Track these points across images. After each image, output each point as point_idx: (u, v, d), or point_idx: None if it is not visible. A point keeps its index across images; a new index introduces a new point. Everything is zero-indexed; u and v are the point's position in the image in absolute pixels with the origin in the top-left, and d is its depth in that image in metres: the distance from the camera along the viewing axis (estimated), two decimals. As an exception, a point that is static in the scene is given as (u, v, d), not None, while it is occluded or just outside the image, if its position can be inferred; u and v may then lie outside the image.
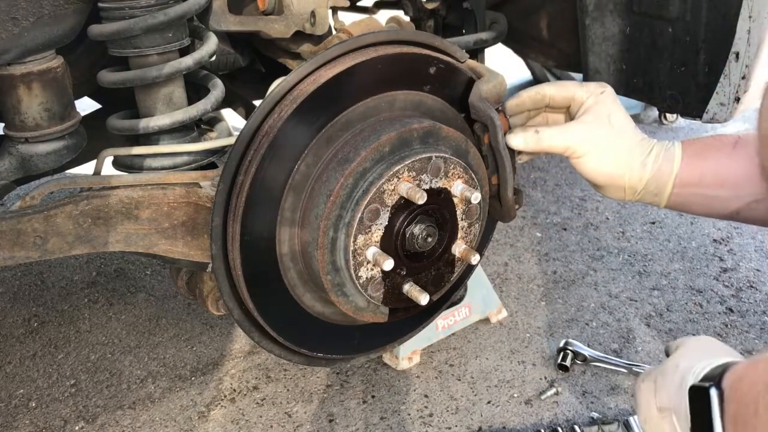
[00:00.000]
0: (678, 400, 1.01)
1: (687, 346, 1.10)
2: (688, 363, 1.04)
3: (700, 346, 1.09)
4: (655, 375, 1.10)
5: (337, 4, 1.74)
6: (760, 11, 1.67)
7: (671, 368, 1.07)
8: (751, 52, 1.72)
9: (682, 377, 1.02)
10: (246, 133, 1.26)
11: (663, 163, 1.32)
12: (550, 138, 1.32)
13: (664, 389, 1.06)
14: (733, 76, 1.78)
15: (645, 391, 1.11)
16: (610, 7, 2.01)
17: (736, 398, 0.88)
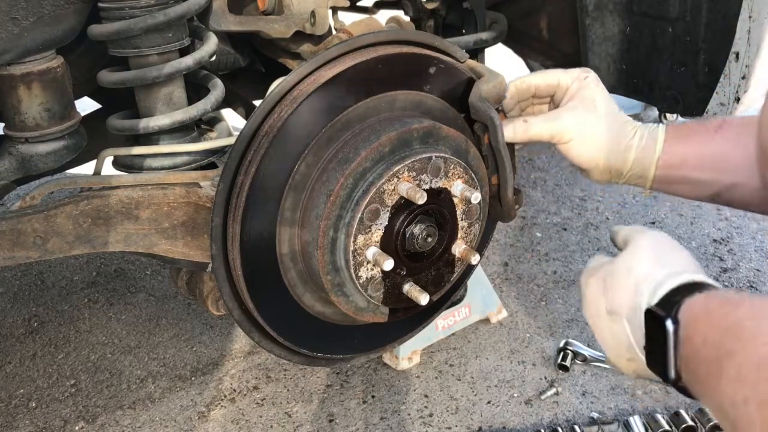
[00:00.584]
0: (632, 311, 1.00)
1: (639, 246, 1.06)
2: (642, 270, 1.01)
3: (654, 249, 1.05)
4: (605, 274, 1.07)
5: (337, 4, 1.74)
6: (760, 11, 1.67)
7: (623, 270, 1.04)
8: (751, 52, 1.72)
9: (635, 286, 1.00)
10: (246, 133, 1.26)
11: (647, 145, 1.33)
12: (538, 126, 1.34)
13: (615, 292, 1.04)
14: (733, 76, 1.78)
15: (593, 288, 1.08)
16: (610, 7, 2.01)
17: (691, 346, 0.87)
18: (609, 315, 1.04)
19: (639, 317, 0.97)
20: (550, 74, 1.38)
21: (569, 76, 1.36)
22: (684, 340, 0.88)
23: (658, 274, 0.98)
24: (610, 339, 1.05)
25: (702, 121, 1.36)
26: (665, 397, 2.19)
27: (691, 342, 0.86)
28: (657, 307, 0.93)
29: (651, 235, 1.08)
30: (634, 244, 1.07)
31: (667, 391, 2.21)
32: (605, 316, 1.05)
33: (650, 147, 1.33)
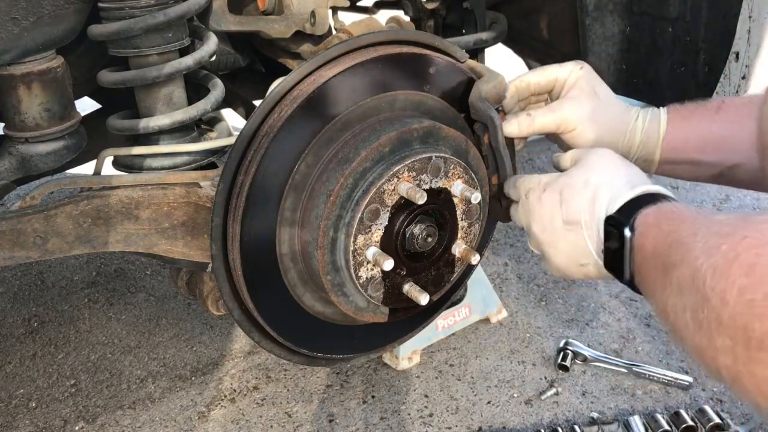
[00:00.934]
0: (590, 220, 1.07)
1: (593, 161, 1.13)
2: (599, 182, 1.08)
3: (608, 163, 1.12)
4: (560, 187, 1.13)
5: (337, 4, 1.74)
6: (760, 11, 1.67)
7: (580, 183, 1.10)
8: (751, 52, 1.72)
9: (593, 194, 1.07)
10: (246, 133, 1.26)
11: (650, 127, 1.35)
12: (542, 118, 1.34)
13: (573, 203, 1.10)
14: (733, 76, 1.78)
15: (548, 202, 1.14)
16: (610, 7, 2.01)
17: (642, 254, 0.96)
18: (565, 225, 1.12)
19: (598, 225, 1.05)
20: (547, 70, 1.40)
21: (565, 69, 1.37)
22: (637, 247, 0.97)
23: (616, 185, 1.06)
24: (565, 247, 1.12)
25: (702, 103, 1.38)
26: (665, 397, 2.20)
27: (643, 250, 0.96)
28: (616, 214, 1.02)
29: (601, 152, 1.16)
30: (586, 160, 1.15)
31: (667, 391, 2.21)
32: (561, 227, 1.12)
33: (654, 129, 1.35)
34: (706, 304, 0.73)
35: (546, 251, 1.19)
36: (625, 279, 1.02)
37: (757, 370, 0.67)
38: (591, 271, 1.12)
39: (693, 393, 2.20)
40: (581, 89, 1.35)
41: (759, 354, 0.66)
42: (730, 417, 2.07)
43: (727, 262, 0.70)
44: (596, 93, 1.35)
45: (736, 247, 0.70)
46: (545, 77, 1.39)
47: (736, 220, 0.76)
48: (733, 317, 0.67)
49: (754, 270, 0.66)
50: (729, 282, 0.68)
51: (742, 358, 0.68)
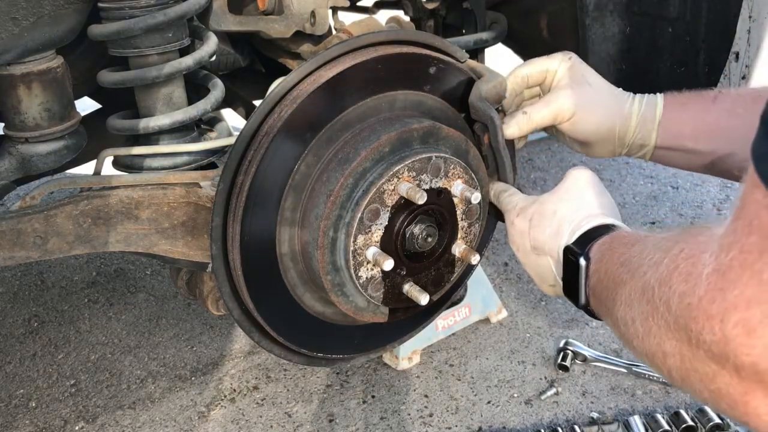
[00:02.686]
0: (553, 249, 1.15)
1: (564, 189, 1.20)
2: (565, 212, 1.16)
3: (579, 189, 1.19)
4: (531, 214, 1.21)
5: (337, 4, 1.74)
6: (760, 11, 1.67)
7: (549, 213, 1.18)
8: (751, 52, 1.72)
9: (558, 228, 1.15)
10: (246, 133, 1.26)
11: (646, 111, 1.37)
12: (539, 112, 1.36)
13: (540, 231, 1.18)
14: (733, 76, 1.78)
15: (519, 227, 1.23)
16: (610, 7, 2.01)
17: (596, 278, 1.03)
18: (533, 249, 1.20)
19: (559, 254, 1.13)
20: (537, 62, 1.42)
21: (554, 60, 1.40)
22: (592, 273, 1.05)
23: (577, 217, 1.14)
24: (535, 269, 1.21)
25: (699, 92, 1.40)
26: (665, 397, 2.20)
27: (597, 274, 1.03)
28: (573, 245, 1.10)
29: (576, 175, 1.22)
30: (561, 185, 1.21)
31: (667, 391, 2.21)
32: (530, 250, 1.21)
33: (650, 113, 1.36)
34: (655, 312, 0.78)
35: (523, 265, 1.27)
36: (581, 304, 1.09)
37: (698, 365, 0.73)
38: (560, 291, 1.19)
39: (693, 393, 2.20)
40: (572, 78, 1.37)
41: (698, 351, 0.71)
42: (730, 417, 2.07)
43: (668, 272, 0.76)
44: (587, 80, 1.37)
45: (675, 259, 0.76)
46: (536, 69, 1.41)
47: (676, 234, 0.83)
48: (677, 320, 0.74)
49: (691, 277, 0.72)
50: (671, 290, 0.75)
51: (687, 357, 0.74)
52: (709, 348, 0.69)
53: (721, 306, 0.66)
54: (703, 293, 0.69)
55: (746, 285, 0.64)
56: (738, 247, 0.65)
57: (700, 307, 0.69)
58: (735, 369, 0.67)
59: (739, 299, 0.65)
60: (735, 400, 0.70)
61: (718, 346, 0.67)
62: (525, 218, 1.22)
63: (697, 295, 0.69)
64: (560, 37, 2.31)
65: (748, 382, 0.67)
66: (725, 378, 0.69)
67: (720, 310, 0.66)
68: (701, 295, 0.69)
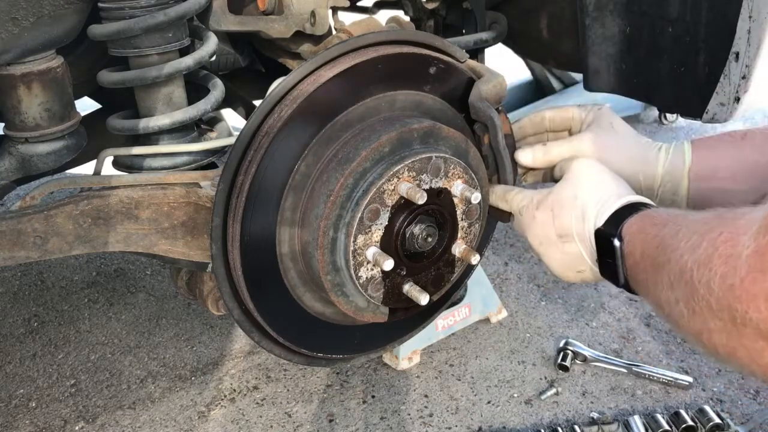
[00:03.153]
0: (582, 233, 1.16)
1: (579, 174, 1.21)
2: (586, 195, 1.17)
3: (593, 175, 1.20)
4: (551, 204, 1.21)
5: (337, 4, 1.74)
6: (760, 11, 1.67)
7: (569, 199, 1.19)
8: (751, 52, 1.72)
9: (582, 210, 1.16)
10: (246, 133, 1.26)
11: (674, 157, 1.32)
12: (558, 147, 1.35)
13: (564, 219, 1.19)
14: (733, 76, 1.77)
15: (542, 219, 1.23)
16: (610, 7, 2.00)
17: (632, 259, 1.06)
18: (560, 238, 1.20)
19: (590, 237, 1.14)
20: (565, 108, 1.41)
21: (583, 109, 1.40)
22: (627, 253, 1.07)
23: (602, 199, 1.15)
24: (562, 257, 1.21)
25: (725, 133, 1.37)
26: (665, 397, 2.20)
27: (633, 255, 1.06)
28: (604, 227, 1.12)
29: (587, 163, 1.23)
30: (573, 173, 1.22)
31: (668, 391, 2.21)
32: (556, 240, 1.21)
33: (678, 159, 1.32)
34: (696, 293, 0.83)
35: (545, 260, 1.26)
36: (621, 283, 1.11)
37: (746, 342, 0.77)
38: (588, 276, 1.21)
39: (693, 393, 2.20)
40: (599, 124, 1.36)
41: (744, 329, 0.76)
42: (730, 417, 2.07)
43: (708, 255, 0.80)
44: (614, 129, 1.35)
45: (715, 242, 0.80)
46: (561, 114, 1.41)
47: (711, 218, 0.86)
48: (719, 301, 0.78)
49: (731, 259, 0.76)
50: (712, 272, 0.79)
51: (733, 334, 0.79)
52: (757, 325, 0.73)
53: (764, 286, 0.71)
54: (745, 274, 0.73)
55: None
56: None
57: (743, 287, 0.74)
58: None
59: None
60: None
61: (766, 323, 0.72)
62: (546, 209, 1.22)
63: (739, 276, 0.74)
64: (560, 37, 2.31)
65: None
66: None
67: (764, 290, 0.71)
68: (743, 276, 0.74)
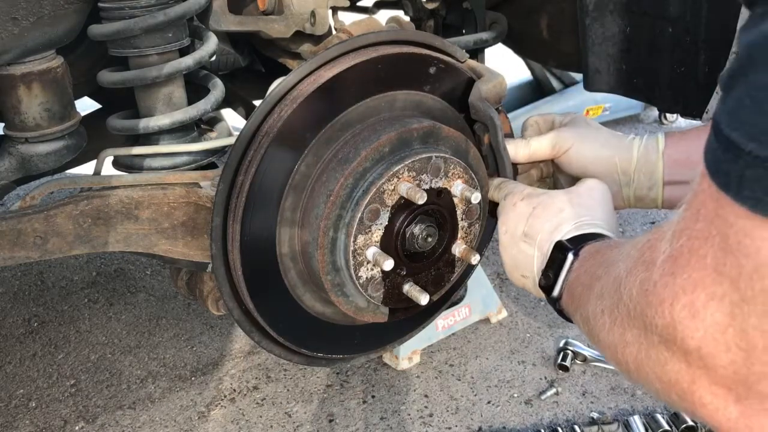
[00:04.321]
0: (545, 241, 1.17)
1: (576, 192, 1.21)
2: (571, 213, 1.18)
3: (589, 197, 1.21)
4: (537, 203, 1.22)
5: (337, 4, 1.74)
6: (760, 11, 1.67)
7: (555, 208, 1.19)
8: (751, 52, 1.72)
9: (559, 224, 1.17)
10: (246, 133, 1.26)
11: (648, 143, 1.36)
12: (538, 141, 1.39)
13: (539, 222, 1.19)
14: (733, 76, 1.77)
15: (519, 211, 1.23)
16: (610, 7, 2.00)
17: (575, 275, 1.06)
18: (523, 236, 1.21)
19: (549, 247, 1.15)
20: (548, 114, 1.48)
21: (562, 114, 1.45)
22: (574, 269, 1.07)
23: (580, 220, 1.16)
24: (516, 255, 1.22)
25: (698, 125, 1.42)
26: (665, 397, 2.20)
27: (577, 271, 1.06)
28: (566, 242, 1.12)
29: (592, 184, 1.24)
30: (574, 188, 1.23)
31: (667, 391, 2.21)
32: (519, 236, 1.22)
33: (652, 146, 1.35)
34: (620, 302, 0.80)
35: (501, 252, 1.27)
36: (553, 297, 1.10)
37: (652, 353, 0.74)
38: (528, 284, 1.21)
39: (693, 393, 2.20)
40: (574, 120, 1.42)
41: (652, 337, 0.72)
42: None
43: (634, 262, 0.78)
44: (589, 124, 1.40)
45: (642, 249, 0.78)
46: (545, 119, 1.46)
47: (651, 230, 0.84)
48: (636, 307, 0.75)
49: (650, 264, 0.73)
50: (634, 278, 0.76)
51: (643, 345, 0.75)
52: (661, 332, 0.70)
53: (671, 290, 0.68)
54: (658, 278, 0.70)
55: (693, 269, 0.66)
56: (687, 233, 0.67)
57: (655, 291, 0.71)
58: (683, 354, 0.68)
59: (687, 282, 0.66)
60: (683, 389, 0.71)
61: (667, 329, 0.69)
62: (529, 204, 1.23)
63: (653, 281, 0.71)
64: (560, 37, 2.32)
65: (695, 368, 0.68)
66: (675, 365, 0.70)
67: (670, 294, 0.68)
68: (656, 280, 0.71)
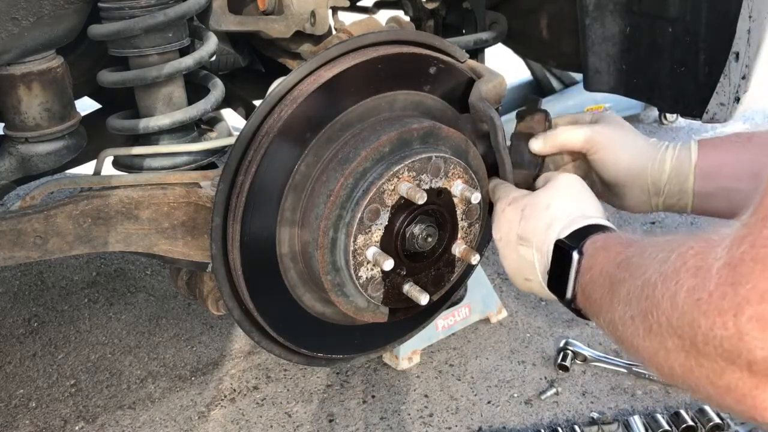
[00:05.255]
0: (542, 241, 1.15)
1: (558, 186, 1.20)
2: (559, 207, 1.16)
3: (571, 191, 1.19)
4: (524, 205, 1.20)
5: (337, 4, 1.74)
6: (760, 11, 1.67)
7: (542, 206, 1.18)
8: (751, 52, 1.72)
9: (550, 221, 1.15)
10: (246, 133, 1.26)
11: (681, 154, 1.33)
12: (569, 133, 1.34)
13: (531, 223, 1.18)
14: (733, 76, 1.77)
15: (509, 216, 1.22)
16: (610, 7, 2.01)
17: (590, 275, 1.02)
18: (519, 239, 1.19)
19: (548, 248, 1.12)
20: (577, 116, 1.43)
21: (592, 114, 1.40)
22: (584, 269, 1.04)
23: (572, 214, 1.14)
24: (516, 260, 1.21)
25: (732, 134, 1.37)
26: (665, 397, 2.20)
27: (590, 271, 1.02)
28: (566, 239, 1.09)
29: (570, 178, 1.22)
30: (555, 183, 1.21)
31: (668, 391, 2.21)
32: (515, 241, 1.20)
33: (685, 156, 1.32)
34: (656, 308, 0.77)
35: (501, 259, 1.26)
36: (567, 299, 1.08)
37: (705, 362, 0.72)
38: (535, 287, 1.19)
39: (693, 393, 2.20)
40: (608, 119, 1.37)
41: (705, 347, 0.70)
42: (730, 417, 2.07)
43: (676, 269, 0.75)
44: (621, 124, 1.36)
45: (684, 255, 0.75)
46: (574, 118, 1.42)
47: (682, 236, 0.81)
48: (683, 316, 0.72)
49: (700, 272, 0.71)
50: (678, 285, 0.73)
51: (692, 354, 0.73)
52: (720, 343, 0.68)
53: (733, 301, 0.65)
54: (714, 288, 0.68)
55: (759, 278, 0.64)
56: (750, 240, 0.65)
57: (711, 302, 0.68)
58: (747, 364, 0.66)
59: (752, 293, 0.64)
60: (743, 394, 0.69)
61: (731, 341, 0.66)
62: (517, 208, 1.21)
63: (707, 290, 0.69)
64: (560, 37, 2.32)
65: (760, 376, 0.67)
66: (735, 373, 0.69)
67: (733, 305, 0.66)
68: (711, 290, 0.68)
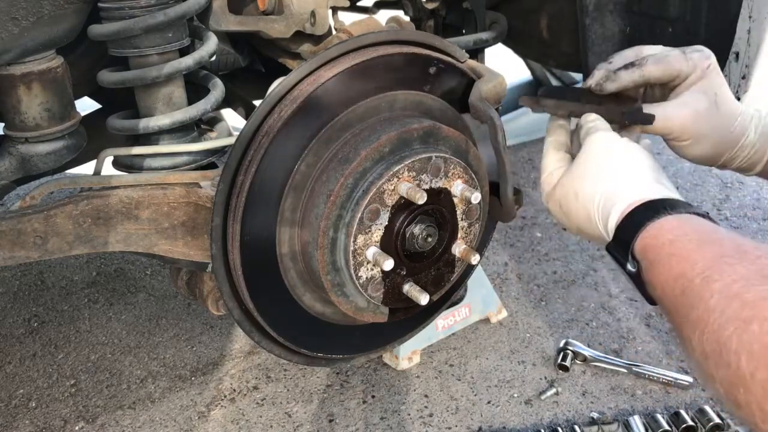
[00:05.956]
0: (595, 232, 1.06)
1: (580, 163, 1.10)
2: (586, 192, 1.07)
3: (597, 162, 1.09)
4: (559, 199, 1.13)
5: (337, 4, 1.74)
6: (760, 11, 1.67)
7: (572, 197, 1.09)
8: (751, 52, 1.72)
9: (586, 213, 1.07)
10: (246, 133, 1.26)
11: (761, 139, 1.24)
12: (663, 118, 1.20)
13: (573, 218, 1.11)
14: (733, 76, 1.77)
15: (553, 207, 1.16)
16: (610, 7, 2.01)
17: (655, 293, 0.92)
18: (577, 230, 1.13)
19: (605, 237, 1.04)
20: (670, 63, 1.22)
21: (690, 64, 1.21)
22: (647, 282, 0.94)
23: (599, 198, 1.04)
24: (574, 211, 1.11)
25: None
26: (665, 397, 2.19)
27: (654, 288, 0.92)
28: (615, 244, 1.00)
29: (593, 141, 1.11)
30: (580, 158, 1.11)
31: (668, 391, 2.21)
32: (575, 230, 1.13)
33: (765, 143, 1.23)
34: (745, 388, 0.70)
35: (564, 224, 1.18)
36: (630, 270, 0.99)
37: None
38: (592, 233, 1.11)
39: (693, 393, 2.20)
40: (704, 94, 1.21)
41: None
42: (730, 417, 2.07)
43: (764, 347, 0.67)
44: (716, 104, 1.21)
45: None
46: (667, 72, 1.22)
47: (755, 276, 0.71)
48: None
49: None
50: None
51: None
52: None
53: None
54: None
55: None
56: None
57: None
58: None
59: None
60: None
61: None
62: (555, 204, 1.14)
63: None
64: (560, 37, 2.32)
65: None
66: None
67: None
68: None
